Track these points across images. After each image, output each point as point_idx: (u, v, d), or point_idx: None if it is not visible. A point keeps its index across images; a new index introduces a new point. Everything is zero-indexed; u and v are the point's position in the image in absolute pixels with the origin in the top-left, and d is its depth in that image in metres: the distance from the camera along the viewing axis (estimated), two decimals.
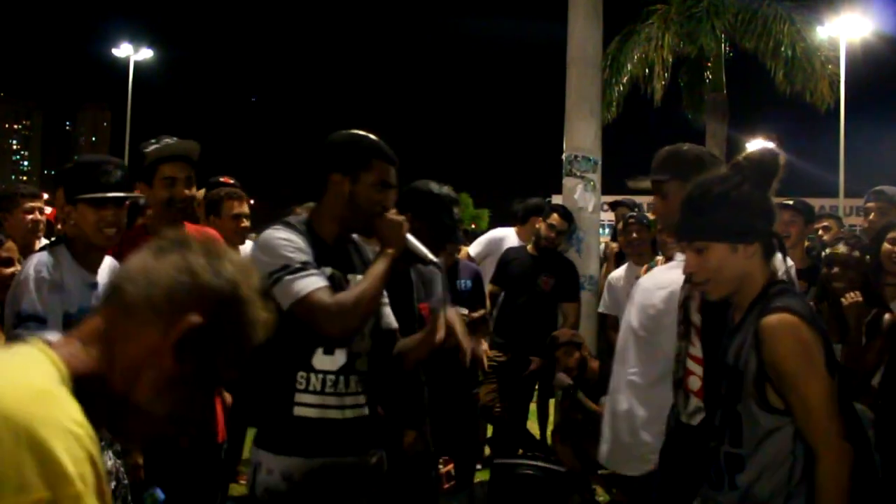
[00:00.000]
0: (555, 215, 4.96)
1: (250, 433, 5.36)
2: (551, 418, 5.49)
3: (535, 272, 4.90)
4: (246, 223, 3.93)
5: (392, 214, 2.15)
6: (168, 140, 2.87)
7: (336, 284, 2.10)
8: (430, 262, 2.23)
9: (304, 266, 2.03)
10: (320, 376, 2.09)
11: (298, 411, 2.08)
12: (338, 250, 2.20)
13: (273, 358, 2.10)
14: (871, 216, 4.35)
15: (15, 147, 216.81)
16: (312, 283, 2.00)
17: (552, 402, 5.45)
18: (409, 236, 2.16)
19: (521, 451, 4.67)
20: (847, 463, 1.70)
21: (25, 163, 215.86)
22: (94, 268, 2.51)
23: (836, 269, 3.37)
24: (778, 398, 1.79)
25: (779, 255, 2.06)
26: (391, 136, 2.29)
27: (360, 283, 2.10)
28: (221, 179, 4.42)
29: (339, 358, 2.12)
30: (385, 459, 2.29)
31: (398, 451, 2.64)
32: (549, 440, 5.02)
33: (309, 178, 2.26)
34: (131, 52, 30.99)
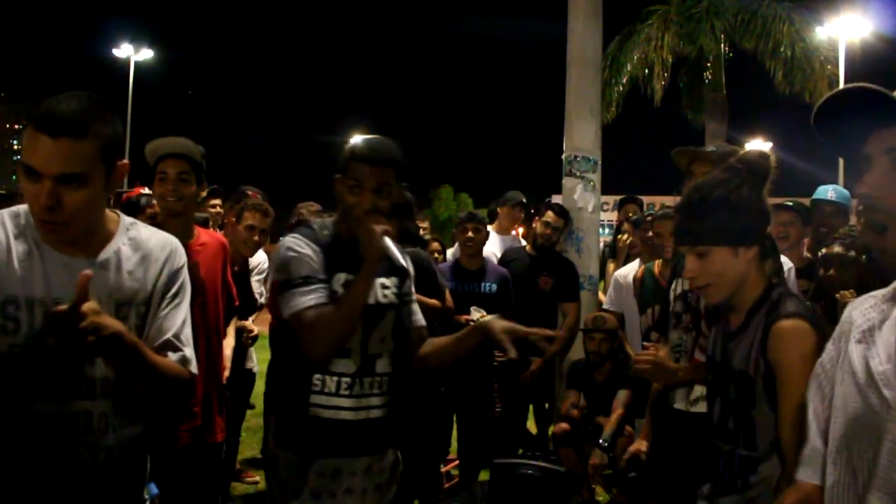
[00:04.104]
0: (550, 213, 4.95)
1: (247, 433, 5.39)
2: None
3: (534, 272, 4.89)
4: (258, 237, 3.95)
5: (374, 225, 2.07)
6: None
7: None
8: (402, 269, 2.23)
9: (305, 281, 2.05)
10: (335, 378, 2.11)
11: (313, 412, 2.11)
12: (353, 251, 2.15)
13: (291, 359, 2.14)
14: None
15: (15, 147, 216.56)
16: (304, 301, 2.04)
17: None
18: (388, 242, 2.08)
19: (521, 450, 4.67)
20: None
21: None
22: None
23: (832, 270, 3.37)
24: None
25: (783, 257, 2.08)
26: (391, 137, 2.27)
27: (339, 305, 2.05)
28: (249, 192, 4.60)
29: (354, 361, 2.13)
30: (401, 459, 2.31)
31: (412, 449, 2.65)
32: (549, 444, 5.01)
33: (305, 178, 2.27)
34: (131, 52, 30.91)
